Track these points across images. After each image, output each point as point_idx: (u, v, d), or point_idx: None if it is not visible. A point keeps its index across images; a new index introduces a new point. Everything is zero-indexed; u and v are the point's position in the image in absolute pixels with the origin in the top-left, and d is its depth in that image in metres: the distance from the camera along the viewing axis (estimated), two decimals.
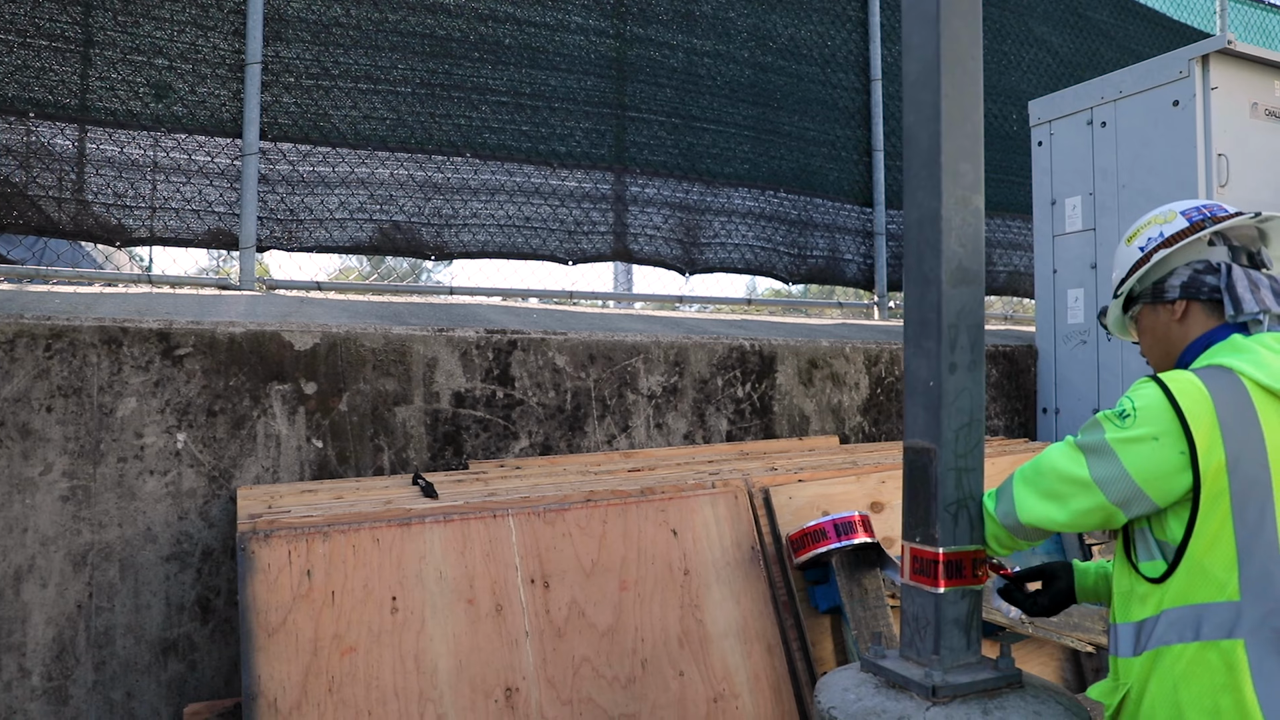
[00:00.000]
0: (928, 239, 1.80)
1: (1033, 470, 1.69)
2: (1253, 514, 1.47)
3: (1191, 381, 1.53)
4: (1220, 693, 1.45)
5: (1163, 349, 1.77)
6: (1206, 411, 1.50)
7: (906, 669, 1.80)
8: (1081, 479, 1.59)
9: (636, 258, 4.84)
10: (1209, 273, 1.70)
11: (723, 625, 2.60)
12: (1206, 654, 1.48)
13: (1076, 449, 1.62)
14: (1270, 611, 1.45)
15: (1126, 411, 1.56)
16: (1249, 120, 3.55)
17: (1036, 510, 1.66)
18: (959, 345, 1.77)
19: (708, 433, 3.22)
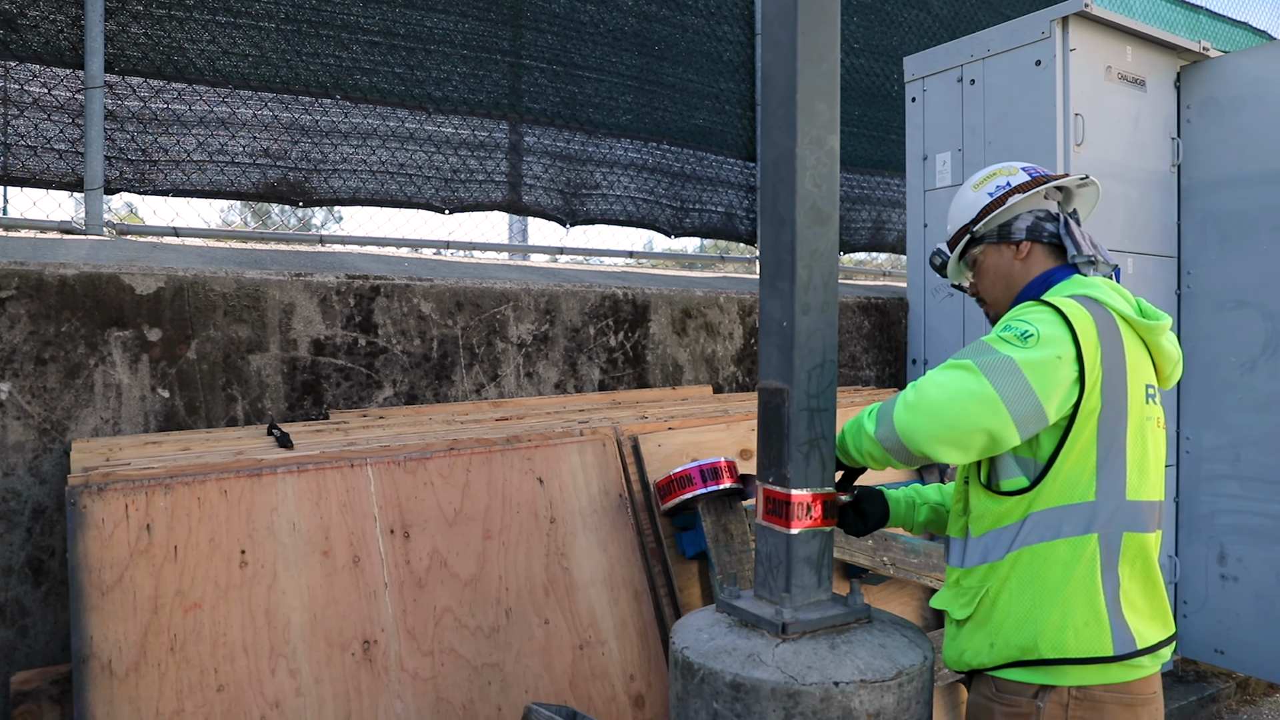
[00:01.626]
0: (782, 178, 1.79)
1: (918, 393, 1.65)
2: (1110, 425, 1.66)
3: (1079, 306, 1.67)
4: (1075, 576, 1.65)
5: (1004, 285, 1.93)
6: (1093, 334, 1.65)
7: (759, 608, 1.82)
8: (986, 395, 1.59)
9: (516, 208, 4.73)
10: (1049, 220, 1.91)
11: (589, 573, 2.59)
12: (1064, 548, 1.66)
13: (974, 369, 1.62)
14: (1116, 508, 1.66)
15: (1029, 332, 1.63)
16: (1104, 83, 3.68)
17: (923, 430, 1.63)
18: (812, 286, 1.77)
19: (580, 382, 3.19)
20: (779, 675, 1.63)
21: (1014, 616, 1.68)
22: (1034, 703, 1.65)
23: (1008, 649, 1.68)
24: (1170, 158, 3.98)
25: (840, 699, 1.61)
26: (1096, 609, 1.64)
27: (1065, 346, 1.62)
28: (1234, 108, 3.86)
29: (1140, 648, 1.64)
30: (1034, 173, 1.94)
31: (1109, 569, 1.66)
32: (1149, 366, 1.76)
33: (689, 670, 1.74)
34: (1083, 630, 1.63)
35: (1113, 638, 1.63)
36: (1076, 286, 1.79)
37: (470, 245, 4.63)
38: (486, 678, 2.37)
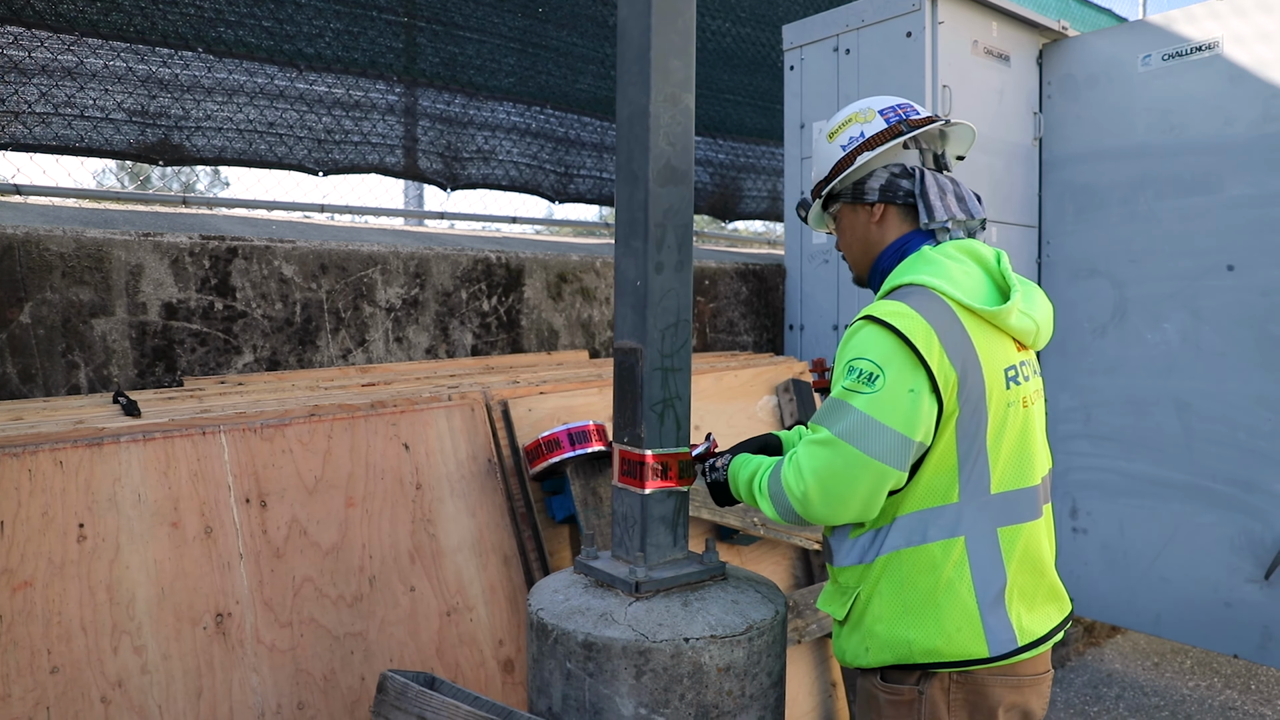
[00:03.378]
0: (636, 136, 1.78)
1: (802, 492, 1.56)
2: (970, 425, 1.59)
3: (911, 316, 1.56)
4: (944, 582, 1.60)
5: (861, 248, 1.83)
6: (935, 345, 1.55)
7: (614, 568, 1.83)
8: (861, 462, 1.52)
9: (394, 170, 4.59)
10: (904, 177, 1.76)
11: (457, 539, 2.56)
12: (932, 552, 1.61)
13: (837, 443, 1.53)
14: (983, 505, 1.61)
15: (874, 374, 1.54)
16: (970, 56, 3.79)
17: (824, 516, 1.57)
18: (666, 245, 1.77)
19: (451, 347, 3.13)
20: (630, 633, 1.64)
21: (885, 622, 1.64)
22: (915, 689, 1.63)
23: (882, 653, 1.65)
24: (1032, 131, 4.14)
25: (691, 654, 1.63)
26: (969, 613, 1.59)
27: (913, 375, 1.54)
28: (1089, 85, 4.03)
29: (1021, 644, 1.60)
30: (893, 117, 1.77)
31: (987, 568, 1.61)
32: (1005, 347, 1.65)
33: (543, 631, 1.74)
34: (955, 636, 1.59)
35: (988, 640, 1.59)
36: (917, 269, 1.67)
37: (354, 210, 4.47)
38: (349, 647, 2.32)
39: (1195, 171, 3.73)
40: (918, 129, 1.75)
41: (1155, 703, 3.72)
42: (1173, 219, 3.80)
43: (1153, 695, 3.79)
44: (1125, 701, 3.73)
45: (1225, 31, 3.61)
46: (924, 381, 1.54)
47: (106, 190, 3.67)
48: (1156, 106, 3.83)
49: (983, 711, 1.62)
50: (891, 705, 1.65)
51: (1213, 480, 3.71)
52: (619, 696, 1.63)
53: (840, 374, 1.60)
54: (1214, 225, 3.68)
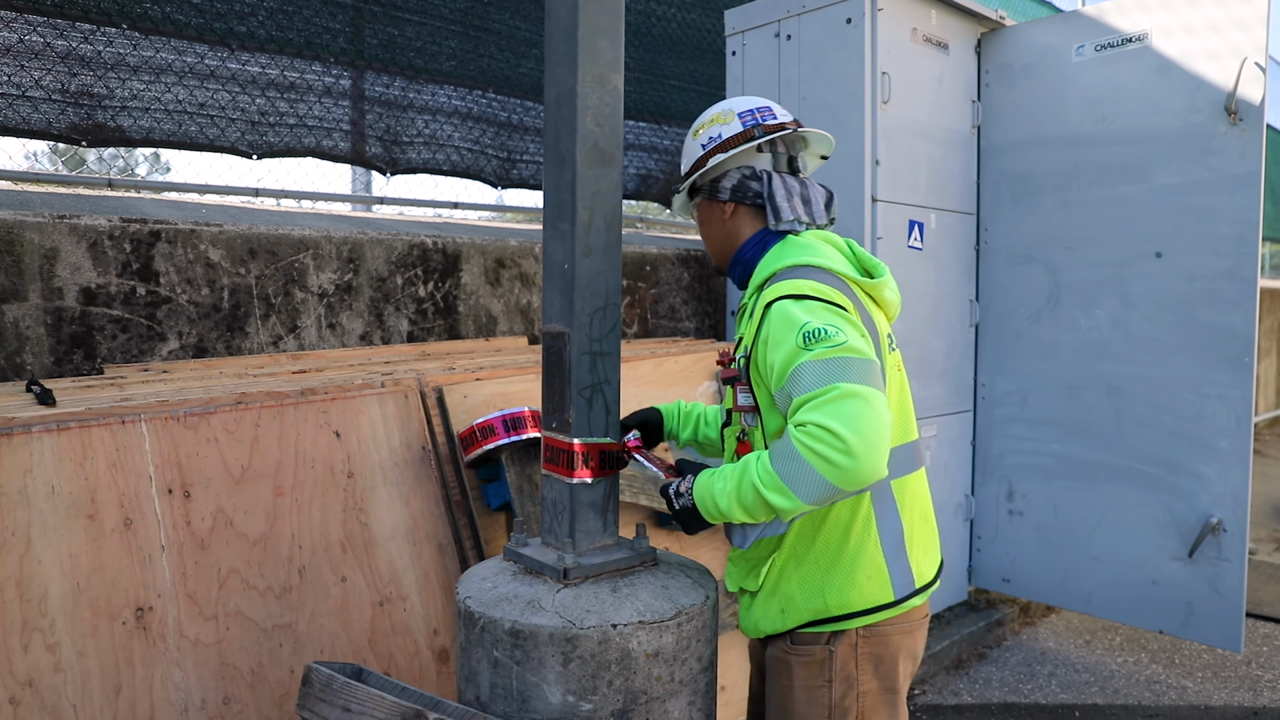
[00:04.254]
0: (564, 117, 1.75)
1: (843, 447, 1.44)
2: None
3: (820, 285, 1.66)
4: (854, 535, 1.72)
5: (719, 241, 1.93)
6: (846, 301, 1.67)
7: (544, 555, 1.80)
8: (879, 399, 1.49)
9: (331, 154, 4.49)
10: (754, 179, 1.85)
11: (390, 528, 2.52)
12: (840, 511, 1.72)
13: (850, 389, 1.47)
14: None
15: (829, 327, 1.55)
16: (910, 44, 3.82)
17: (871, 471, 1.47)
18: (594, 228, 1.75)
19: (387, 334, 3.07)
20: (557, 620, 1.62)
21: (801, 583, 1.73)
22: (826, 649, 1.73)
23: (799, 614, 1.74)
24: (971, 119, 4.18)
25: (618, 640, 1.62)
26: (877, 562, 1.72)
27: (851, 319, 1.64)
28: (1025, 74, 4.09)
29: (918, 586, 1.77)
30: (749, 121, 1.85)
31: (888, 518, 1.74)
32: (880, 316, 1.81)
33: (470, 620, 1.72)
34: (866, 585, 1.71)
35: (893, 584, 1.73)
36: (794, 254, 1.74)
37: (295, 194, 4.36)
38: (277, 640, 2.27)
39: (1126, 160, 3.81)
40: (771, 134, 1.84)
41: (1085, 679, 3.81)
42: (1104, 207, 3.88)
43: (1084, 672, 3.88)
44: (1058, 679, 3.81)
45: (1154, 24, 3.69)
46: (859, 325, 1.66)
47: (23, 172, 3.53)
48: (1089, 96, 3.90)
49: (885, 661, 1.75)
50: (803, 666, 1.75)
51: (1141, 462, 3.80)
52: (546, 684, 1.61)
53: (799, 344, 1.55)
54: (1143, 213, 3.76)
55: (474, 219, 5.14)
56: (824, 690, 1.74)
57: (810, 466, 1.46)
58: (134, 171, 7.44)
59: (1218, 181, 3.54)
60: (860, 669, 1.74)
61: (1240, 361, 3.52)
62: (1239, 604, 3.55)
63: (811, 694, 1.75)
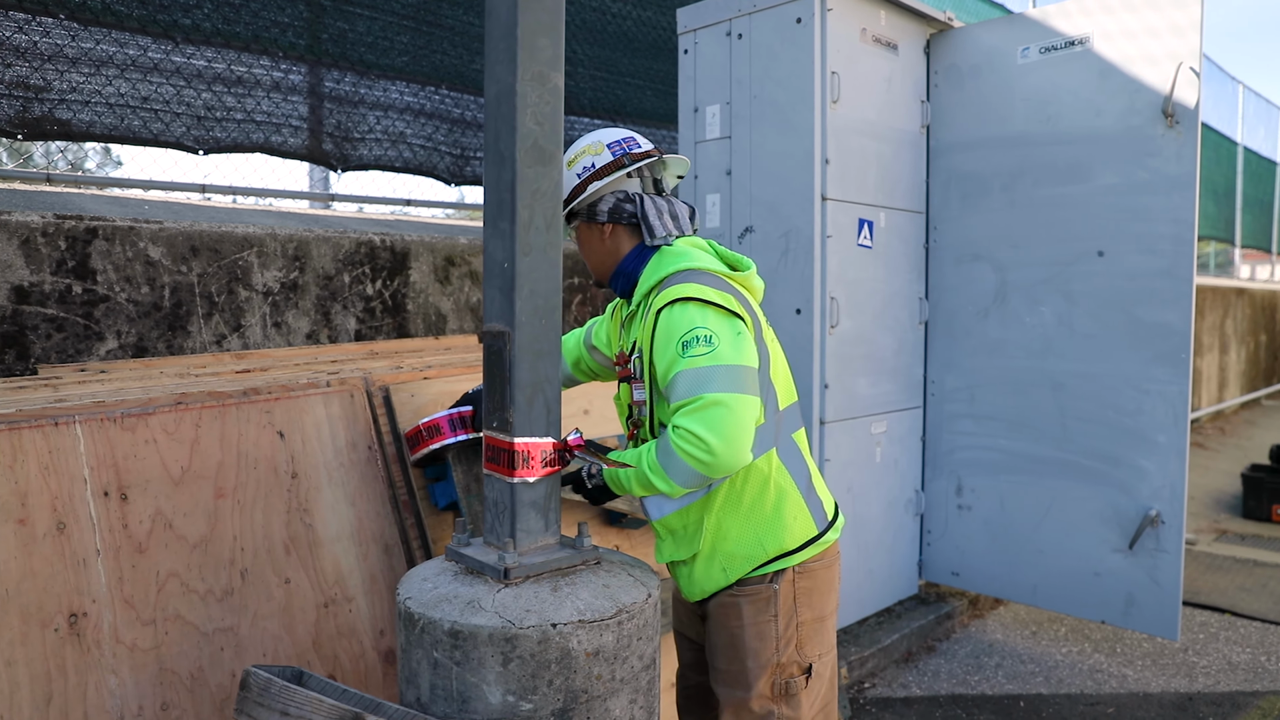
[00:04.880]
0: (504, 115, 1.74)
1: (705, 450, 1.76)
2: (761, 361, 1.94)
3: (705, 287, 1.88)
4: (774, 487, 1.97)
5: (599, 258, 2.13)
6: (730, 299, 1.89)
7: (485, 554, 1.80)
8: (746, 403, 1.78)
9: (280, 150, 4.42)
10: (628, 202, 2.07)
11: (335, 528, 2.49)
12: (760, 466, 1.96)
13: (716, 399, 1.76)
14: (780, 420, 2.00)
15: (708, 335, 1.82)
16: (859, 44, 3.85)
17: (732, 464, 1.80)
18: (534, 226, 1.75)
19: (334, 332, 3.04)
20: (497, 620, 1.62)
21: (736, 538, 1.97)
22: (771, 587, 1.97)
23: (742, 565, 1.97)
24: (920, 119, 4.24)
25: (558, 640, 1.62)
26: (798, 502, 1.99)
27: (733, 322, 1.86)
28: (973, 75, 4.15)
29: (830, 517, 2.07)
30: (618, 150, 2.08)
31: (796, 464, 2.02)
32: (754, 300, 2.08)
33: (410, 621, 1.71)
34: (793, 525, 1.98)
35: (814, 519, 2.02)
36: (675, 262, 1.98)
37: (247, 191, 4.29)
38: (218, 643, 2.24)
39: (1069, 161, 3.88)
40: (639, 161, 2.07)
41: (1031, 669, 3.89)
42: (1049, 206, 3.95)
43: (1029, 662, 3.96)
44: (1004, 670, 3.88)
45: (1095, 28, 3.76)
46: (740, 324, 1.87)
47: None
48: (1034, 97, 3.97)
49: (815, 593, 2.02)
50: (750, 604, 1.98)
51: (1084, 456, 3.88)
52: (486, 684, 1.61)
53: (677, 352, 1.83)
54: (1085, 213, 3.84)
55: (428, 216, 5.10)
56: (771, 623, 1.97)
57: (683, 462, 1.79)
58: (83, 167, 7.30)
59: (1155, 182, 3.62)
60: (799, 601, 1.99)
61: (1177, 358, 3.61)
62: (1176, 594, 3.64)
63: (760, 628, 1.97)
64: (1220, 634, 4.33)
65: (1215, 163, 13.30)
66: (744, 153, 3.91)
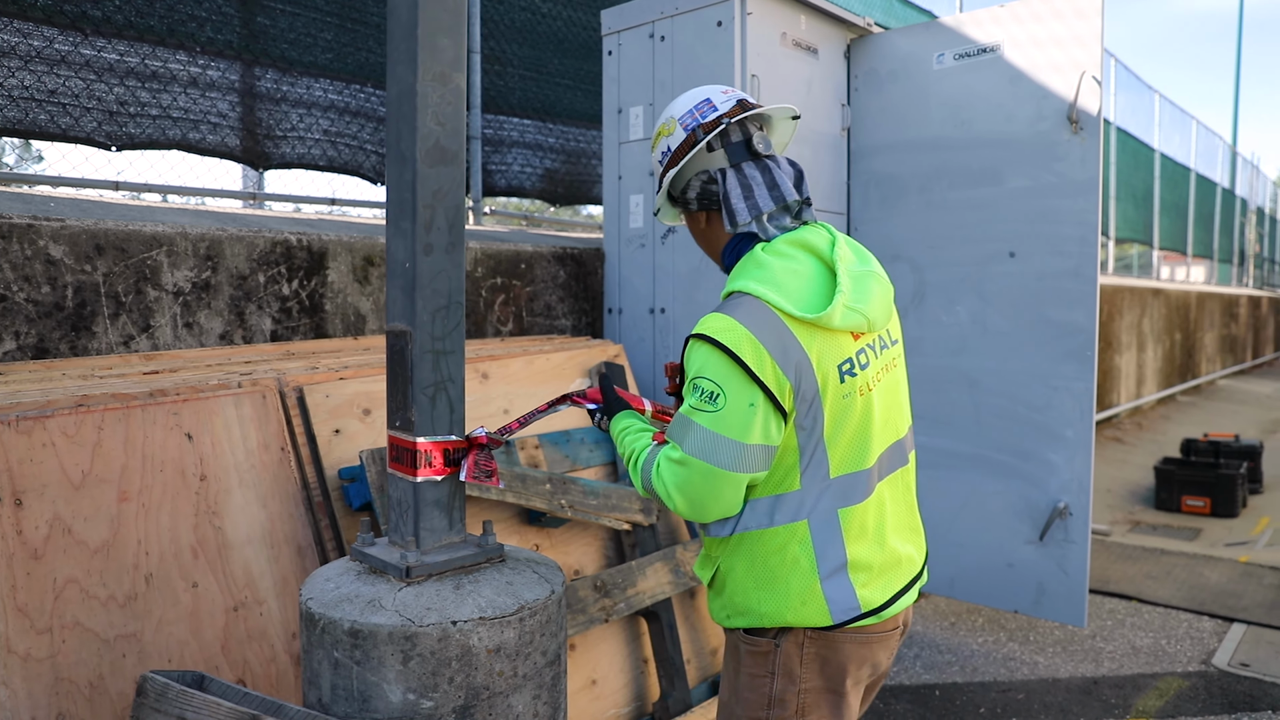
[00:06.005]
0: (405, 115, 1.74)
1: (671, 503, 1.68)
2: (808, 422, 1.66)
3: (738, 332, 1.60)
4: (790, 560, 1.71)
5: (706, 248, 1.91)
6: (765, 358, 1.60)
7: (388, 554, 1.80)
8: (714, 474, 1.62)
9: (198, 147, 4.34)
10: (712, 183, 1.78)
11: (246, 531, 2.46)
12: (778, 535, 1.71)
13: (688, 460, 1.63)
14: (823, 491, 1.70)
15: (715, 393, 1.61)
16: (779, 48, 3.92)
17: (697, 516, 1.70)
18: (435, 226, 1.75)
19: (249, 333, 3.00)
20: (397, 619, 1.62)
21: (741, 593, 1.75)
22: (773, 643, 1.74)
23: (739, 619, 1.77)
24: (840, 122, 4.32)
25: (458, 637, 1.63)
26: (812, 587, 1.69)
27: (750, 390, 1.61)
28: (891, 80, 4.25)
29: (864, 611, 1.71)
30: (691, 124, 1.78)
31: (829, 546, 1.70)
32: (839, 342, 1.67)
33: (311, 621, 1.70)
34: (800, 609, 1.70)
35: (830, 609, 1.70)
36: (748, 274, 1.70)
37: (152, 187, 4.19)
38: (120, 650, 2.19)
39: (982, 164, 4.00)
40: (714, 130, 1.75)
41: (948, 659, 3.99)
42: (963, 208, 4.06)
43: (947, 653, 4.06)
44: (922, 660, 3.98)
45: (1005, 36, 3.88)
46: (760, 394, 1.61)
47: None
48: (950, 102, 4.08)
49: (832, 664, 1.74)
50: (750, 655, 1.77)
51: (997, 451, 4.00)
52: (386, 683, 1.61)
53: (687, 391, 1.68)
54: (998, 215, 3.96)
55: (355, 216, 5.04)
56: (766, 680, 1.76)
57: (655, 491, 1.71)
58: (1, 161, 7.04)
59: (1062, 186, 3.75)
60: (805, 667, 1.74)
61: (1083, 355, 3.75)
62: (1083, 583, 3.78)
63: (755, 682, 1.77)
64: (1126, 620, 4.50)
65: (1134, 168, 13.78)
66: None
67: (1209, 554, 5.74)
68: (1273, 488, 7.77)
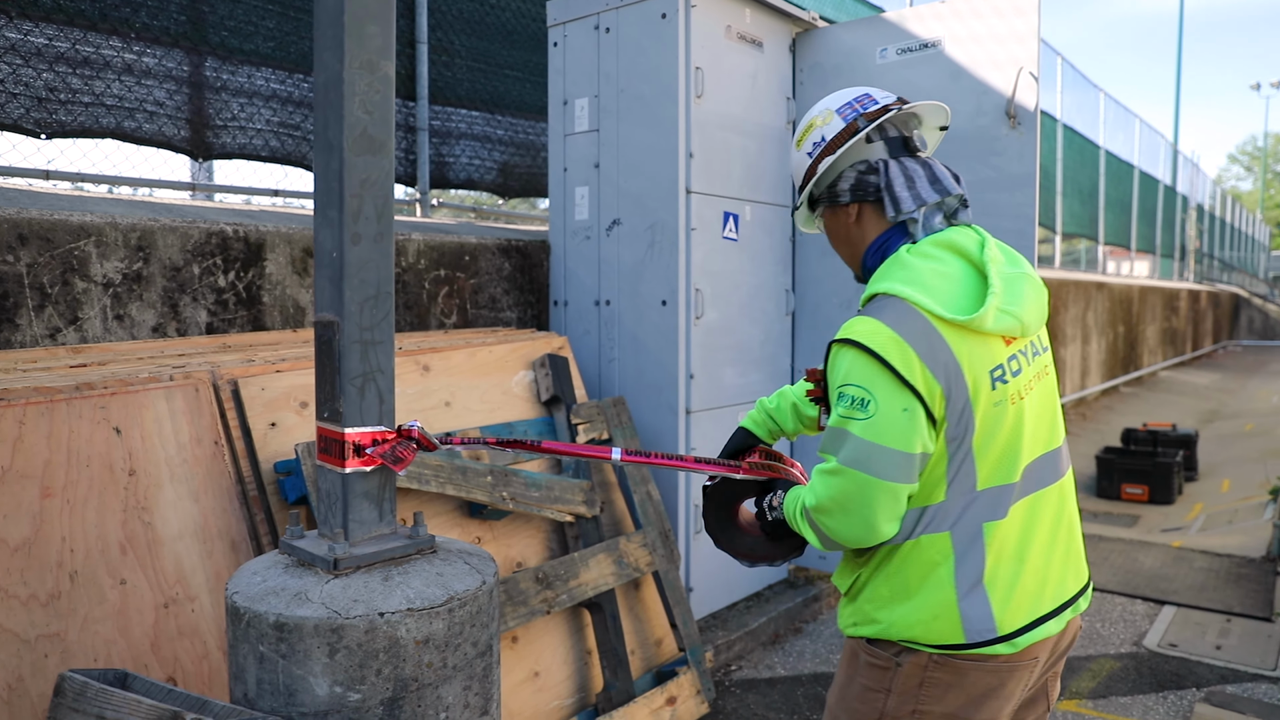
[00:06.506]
0: (331, 103, 1.72)
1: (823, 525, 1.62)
2: (957, 432, 1.59)
3: (886, 335, 1.54)
4: (929, 573, 1.62)
5: (847, 250, 1.83)
6: (914, 362, 1.54)
7: (316, 546, 1.78)
8: (872, 485, 1.55)
9: (133, 136, 4.23)
10: (871, 173, 1.72)
11: (177, 526, 2.41)
12: (919, 547, 1.63)
13: (844, 470, 1.56)
14: (969, 503, 1.62)
15: (865, 399, 1.55)
16: (724, 40, 3.93)
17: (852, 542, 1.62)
18: (363, 216, 1.73)
19: (183, 325, 2.94)
20: (323, 611, 1.61)
21: (874, 603, 1.68)
22: (894, 660, 1.66)
23: (867, 628, 1.69)
24: (786, 115, 4.35)
25: (386, 629, 1.62)
26: (948, 603, 1.61)
27: (902, 395, 1.54)
28: (835, 74, 4.28)
29: (1000, 634, 1.61)
30: (850, 114, 1.73)
31: (970, 559, 1.62)
32: (990, 347, 1.61)
33: (237, 615, 1.67)
34: (932, 624, 1.62)
35: (965, 628, 1.61)
36: (893, 276, 1.63)
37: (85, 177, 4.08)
38: (42, 650, 2.14)
39: None
40: (875, 121, 1.71)
41: None
42: None
43: None
44: None
45: (946, 32, 3.93)
46: (913, 399, 1.55)
47: None
48: None
49: (957, 691, 1.64)
50: (869, 666, 1.69)
51: None
52: (312, 676, 1.59)
53: (834, 400, 1.62)
54: None
55: (298, 208, 4.97)
56: (880, 696, 1.67)
57: (815, 522, 1.64)
58: None
59: (1001, 180, 3.82)
60: (925, 690, 1.65)
61: None
62: None
63: (868, 695, 1.69)
64: None
65: (1080, 165, 14.07)
66: (612, 146, 3.94)
67: (1145, 540, 5.89)
68: (1207, 475, 8.00)
